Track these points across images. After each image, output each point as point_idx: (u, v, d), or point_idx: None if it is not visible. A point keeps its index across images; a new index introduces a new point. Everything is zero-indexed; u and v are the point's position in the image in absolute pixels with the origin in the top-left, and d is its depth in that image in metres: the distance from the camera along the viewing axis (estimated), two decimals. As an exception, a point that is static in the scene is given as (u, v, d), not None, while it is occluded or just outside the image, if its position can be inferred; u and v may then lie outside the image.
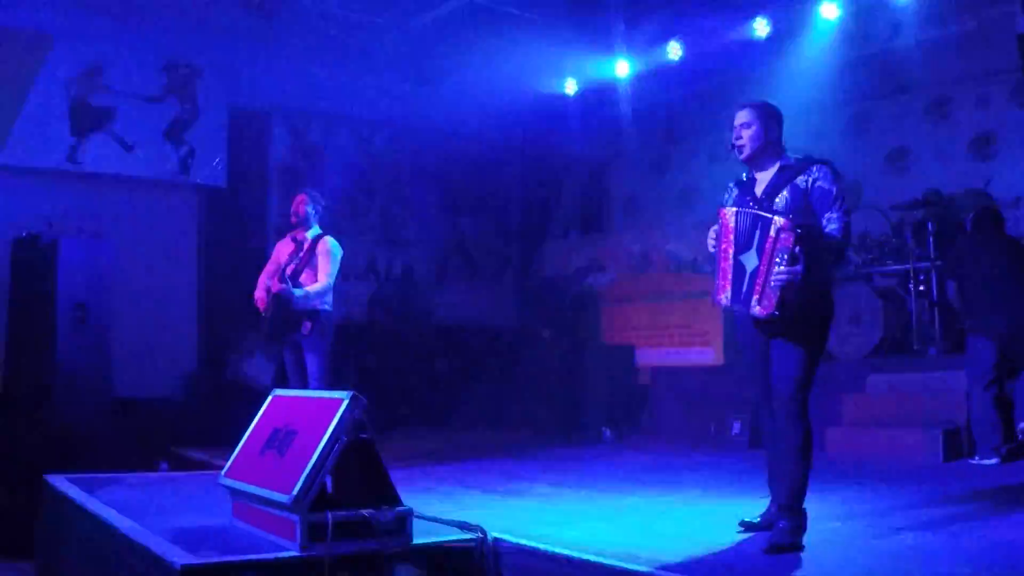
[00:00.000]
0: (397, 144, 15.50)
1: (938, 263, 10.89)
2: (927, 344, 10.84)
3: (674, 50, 13.56)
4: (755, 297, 5.30)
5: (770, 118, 5.75)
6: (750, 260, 5.36)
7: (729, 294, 5.49)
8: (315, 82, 14.21)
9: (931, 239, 10.98)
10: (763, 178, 5.71)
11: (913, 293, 10.99)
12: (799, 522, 5.34)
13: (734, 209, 5.52)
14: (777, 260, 5.20)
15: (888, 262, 11.41)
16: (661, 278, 14.01)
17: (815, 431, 5.58)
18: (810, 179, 5.52)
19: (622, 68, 14.38)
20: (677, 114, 16.19)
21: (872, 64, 13.30)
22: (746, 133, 5.68)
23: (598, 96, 15.11)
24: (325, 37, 13.65)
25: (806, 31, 12.67)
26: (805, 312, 5.31)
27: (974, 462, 8.75)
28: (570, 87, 15.20)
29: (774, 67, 12.89)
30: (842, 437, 9.87)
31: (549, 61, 14.40)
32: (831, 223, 5.42)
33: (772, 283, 5.22)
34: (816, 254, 5.29)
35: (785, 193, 5.54)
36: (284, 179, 14.12)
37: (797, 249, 5.16)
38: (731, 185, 5.93)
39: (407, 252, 15.55)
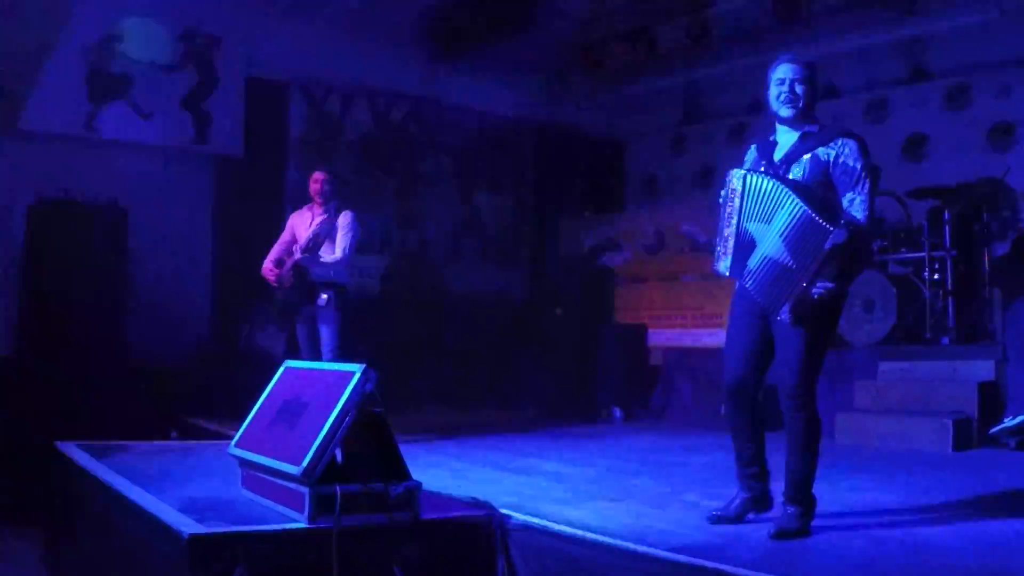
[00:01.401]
0: (414, 118, 15.47)
1: (952, 252, 10.87)
2: (940, 333, 10.80)
3: (694, 28, 13.47)
4: (787, 305, 5.17)
5: (817, 78, 5.57)
6: (780, 252, 5.18)
7: (728, 263, 5.42)
8: (334, 54, 14.17)
9: (946, 228, 10.93)
10: (785, 141, 5.55)
11: (927, 281, 10.95)
12: (807, 508, 5.33)
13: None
14: (822, 271, 5.09)
15: (903, 250, 11.37)
16: (676, 259, 13.98)
17: (825, 417, 5.57)
18: (834, 152, 5.33)
19: (642, 46, 14.28)
20: (696, 94, 16.17)
21: (892, 50, 13.26)
22: (800, 88, 5.44)
23: (617, 74, 15.05)
24: (345, 8, 13.60)
25: (827, 15, 12.59)
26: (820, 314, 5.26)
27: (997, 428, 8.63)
28: (589, 64, 15.10)
29: (794, 50, 12.83)
30: (852, 424, 9.85)
31: (569, 37, 14.35)
32: (853, 205, 5.25)
33: (814, 295, 5.13)
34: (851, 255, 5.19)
35: (805, 161, 5.37)
36: (301, 150, 14.10)
37: (842, 269, 5.09)
38: (752, 148, 5.79)
39: (422, 227, 15.53)
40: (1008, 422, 8.44)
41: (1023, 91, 12.28)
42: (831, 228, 5.03)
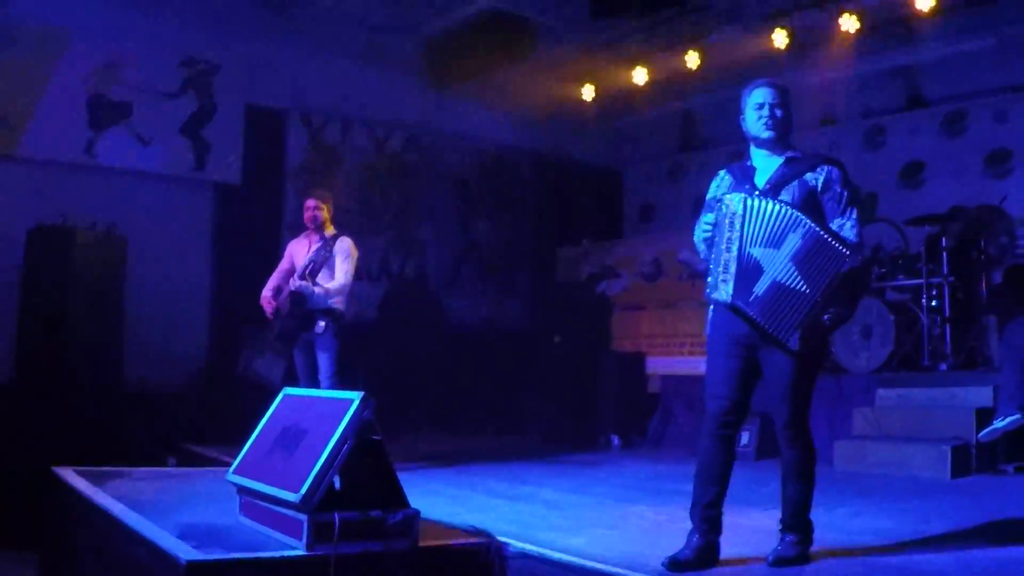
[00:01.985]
0: (413, 146, 15.52)
1: (950, 279, 10.88)
2: (937, 360, 10.81)
3: (692, 59, 13.54)
4: (797, 332, 5.05)
5: (792, 102, 5.50)
6: (792, 277, 5.08)
7: (729, 288, 5.33)
8: (333, 82, 14.25)
9: (944, 254, 10.95)
10: (766, 167, 5.46)
11: (925, 308, 10.96)
12: (805, 535, 5.32)
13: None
14: (836, 296, 5.05)
15: (900, 276, 11.38)
16: (674, 286, 13.98)
17: (823, 444, 5.57)
18: (821, 178, 5.30)
19: (640, 75, 14.37)
20: (694, 122, 16.22)
21: (889, 78, 13.31)
22: (779, 112, 5.40)
23: (615, 102, 15.11)
24: (344, 37, 13.66)
25: (825, 43, 12.64)
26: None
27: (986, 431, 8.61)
28: (587, 93, 15.17)
29: (792, 78, 12.90)
30: (850, 450, 9.84)
31: (567, 66, 14.40)
32: (843, 230, 5.20)
33: (827, 320, 5.10)
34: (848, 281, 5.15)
35: (794, 186, 5.30)
36: (300, 178, 14.13)
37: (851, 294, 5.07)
38: (722, 173, 5.73)
39: (420, 254, 15.56)
40: (997, 423, 8.42)
41: (1020, 117, 12.32)
42: (847, 252, 5.01)
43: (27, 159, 12.06)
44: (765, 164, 5.49)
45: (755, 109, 5.44)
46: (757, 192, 5.32)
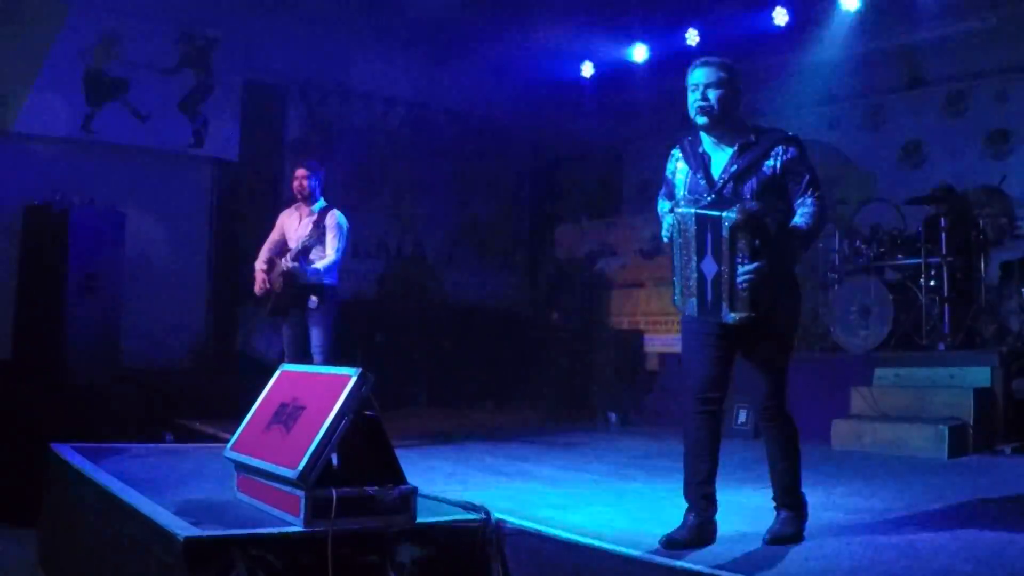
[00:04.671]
0: (411, 122, 15.49)
1: (949, 259, 10.87)
2: (936, 340, 10.80)
3: (692, 36, 13.50)
4: (725, 305, 4.96)
5: (738, 81, 5.22)
6: (708, 266, 5.00)
7: (695, 305, 5.13)
8: (331, 57, 14.20)
9: (943, 235, 10.94)
10: (719, 157, 5.26)
11: (924, 288, 10.95)
12: (799, 512, 5.32)
13: (693, 211, 5.03)
14: (738, 261, 4.87)
15: (899, 256, 11.37)
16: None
17: (821, 424, 5.57)
18: (779, 161, 5.11)
19: (639, 53, 14.33)
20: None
21: (890, 57, 13.26)
22: (713, 94, 5.12)
23: (614, 80, 15.07)
24: (342, 12, 13.62)
25: (825, 22, 12.61)
26: (776, 302, 5.05)
27: None
28: (587, 70, 15.13)
29: (792, 56, 12.87)
30: (847, 430, 9.84)
31: (566, 43, 14.36)
32: (803, 208, 5.10)
33: (740, 286, 4.90)
34: (782, 243, 5.03)
35: (752, 182, 5.14)
36: (298, 153, 14.06)
37: (757, 243, 4.83)
38: (676, 154, 5.53)
39: (418, 231, 15.55)
40: None
41: (1020, 98, 12.28)
42: (719, 213, 4.90)
43: (24, 135, 12.03)
44: (718, 153, 5.31)
45: (690, 91, 5.23)
46: (711, 190, 5.20)
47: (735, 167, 5.18)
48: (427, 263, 15.52)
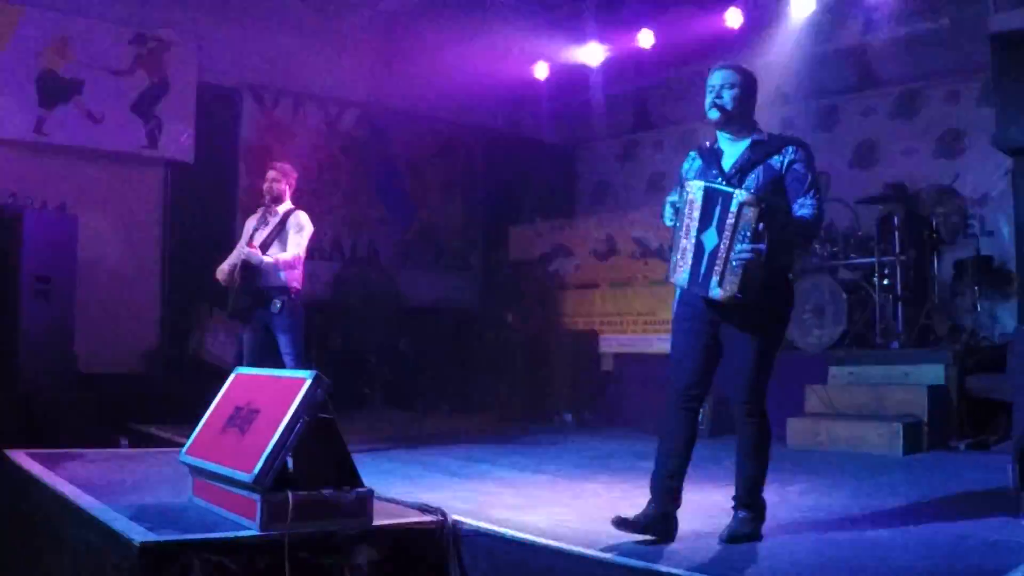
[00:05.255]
0: (365, 124, 15.44)
1: (902, 258, 10.95)
2: (890, 338, 10.89)
3: (646, 37, 13.55)
4: (715, 278, 5.05)
5: (752, 85, 5.55)
6: (709, 238, 5.10)
7: (686, 275, 5.21)
8: (285, 59, 14.13)
9: (896, 234, 11.02)
10: (732, 151, 5.48)
11: (877, 287, 11.03)
12: (758, 512, 5.37)
13: (702, 183, 5.22)
14: (739, 238, 4.98)
15: (853, 255, 11.44)
16: (626, 264, 13.96)
17: (776, 423, 5.59)
18: (785, 160, 5.32)
19: (594, 53, 14.36)
20: (647, 101, 16.23)
21: (843, 58, 13.35)
22: (728, 94, 5.42)
23: (569, 81, 15.09)
24: (296, 14, 13.60)
25: (778, 23, 12.67)
26: (767, 299, 5.14)
27: None
28: (540, 71, 15.15)
29: (745, 58, 12.91)
30: (803, 428, 9.92)
31: (520, 44, 14.37)
32: (803, 209, 5.24)
33: (734, 263, 5.00)
34: (782, 235, 5.12)
35: (759, 170, 5.33)
36: (252, 156, 14.00)
37: (760, 226, 4.95)
38: (693, 154, 5.70)
39: (373, 233, 15.50)
40: None
41: (971, 98, 12.39)
42: (732, 190, 5.07)
43: (-24, 138, 11.93)
44: (730, 148, 5.51)
45: (708, 92, 5.48)
46: (721, 179, 5.34)
47: (746, 159, 5.39)
48: (381, 264, 15.48)
